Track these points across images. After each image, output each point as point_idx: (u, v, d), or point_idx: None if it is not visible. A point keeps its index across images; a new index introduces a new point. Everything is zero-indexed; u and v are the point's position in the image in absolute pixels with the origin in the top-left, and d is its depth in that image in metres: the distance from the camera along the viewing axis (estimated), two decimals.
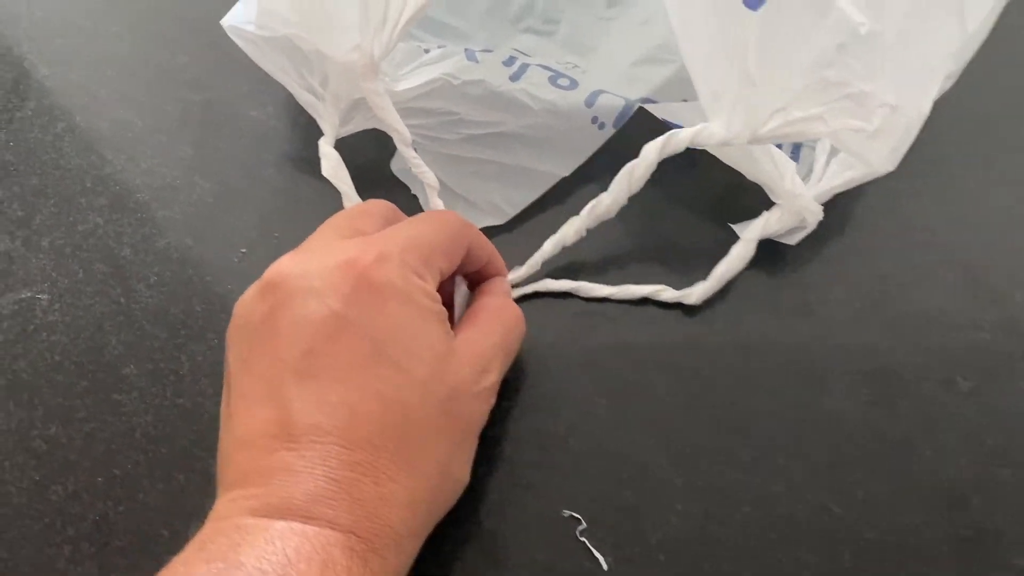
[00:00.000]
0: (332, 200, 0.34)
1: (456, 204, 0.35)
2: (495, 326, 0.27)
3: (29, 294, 0.33)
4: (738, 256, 0.32)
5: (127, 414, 0.31)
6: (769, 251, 0.33)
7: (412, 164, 0.31)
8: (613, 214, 0.31)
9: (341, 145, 0.33)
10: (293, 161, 0.36)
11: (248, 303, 0.23)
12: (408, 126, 0.33)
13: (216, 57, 0.39)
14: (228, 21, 0.32)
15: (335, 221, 0.26)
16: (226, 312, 0.32)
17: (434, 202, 0.32)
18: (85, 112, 0.38)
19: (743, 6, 0.24)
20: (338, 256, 0.23)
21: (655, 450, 0.29)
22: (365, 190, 0.33)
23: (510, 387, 0.31)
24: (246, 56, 0.34)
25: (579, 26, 0.38)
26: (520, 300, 0.33)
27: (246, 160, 0.36)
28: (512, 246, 0.33)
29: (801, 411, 0.30)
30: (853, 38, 0.25)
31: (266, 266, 0.32)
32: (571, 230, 0.31)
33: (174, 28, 0.40)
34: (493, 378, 0.25)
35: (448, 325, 0.25)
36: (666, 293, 0.32)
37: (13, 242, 0.34)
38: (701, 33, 0.26)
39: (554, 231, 0.32)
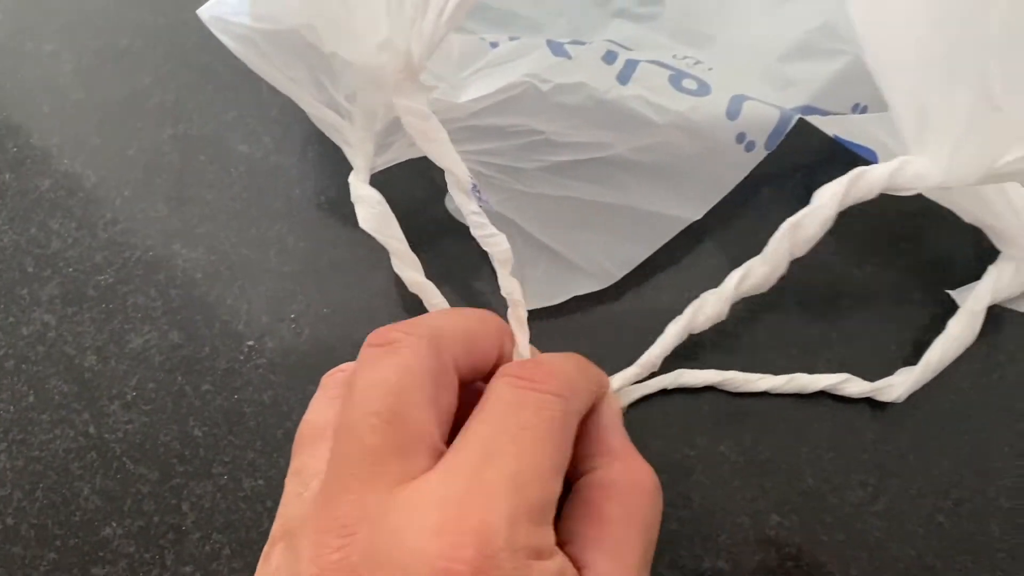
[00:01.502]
0: (371, 260, 0.29)
1: (540, 260, 0.28)
2: (634, 534, 0.19)
3: None
4: (959, 336, 0.26)
5: None
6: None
7: (473, 224, 0.24)
8: (766, 289, 0.24)
9: (374, 179, 0.27)
10: (308, 211, 0.30)
11: None
12: (470, 153, 0.27)
13: (188, 76, 0.33)
14: (209, 11, 0.26)
15: (360, 407, 0.17)
16: (235, 435, 0.27)
17: (506, 284, 0.24)
18: (17, 167, 0.31)
19: None
20: (411, 557, 0.16)
21: None
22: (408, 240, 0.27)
23: None
24: (229, 71, 0.28)
25: (691, 5, 0.31)
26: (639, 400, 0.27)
27: (243, 215, 0.30)
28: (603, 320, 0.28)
29: None
30: None
31: (283, 362, 0.29)
32: (705, 312, 0.25)
33: (130, 41, 0.34)
34: None
35: None
36: (853, 385, 0.26)
37: None
38: (906, 37, 0.20)
39: (667, 291, 0.27)
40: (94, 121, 0.32)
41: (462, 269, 0.29)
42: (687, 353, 0.27)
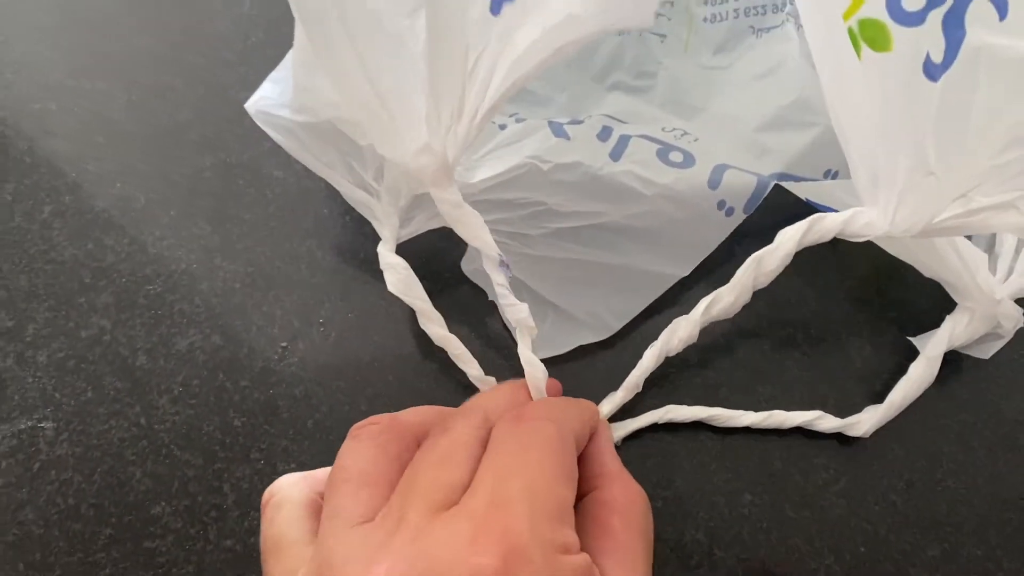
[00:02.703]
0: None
1: (547, 315, 0.31)
2: (637, 542, 0.22)
3: (29, 423, 0.31)
4: (919, 378, 0.29)
5: (163, 565, 0.28)
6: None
7: (499, 295, 0.26)
8: (732, 315, 0.27)
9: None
10: (335, 228, 0.34)
11: None
12: None
13: (226, 110, 0.36)
14: (255, 106, 0.29)
15: (420, 475, 0.20)
16: (271, 425, 0.30)
17: (525, 354, 0.27)
18: (76, 191, 0.35)
19: (922, 77, 0.21)
20: (451, 564, 0.18)
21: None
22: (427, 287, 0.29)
23: None
24: None
25: (680, 80, 0.34)
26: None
27: (277, 232, 0.34)
28: (604, 362, 0.30)
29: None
30: None
31: (312, 361, 0.32)
32: (678, 335, 0.28)
33: (174, 80, 0.37)
34: None
35: None
36: (825, 422, 0.29)
37: (4, 360, 0.31)
38: (860, 107, 0.23)
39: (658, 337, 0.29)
40: (143, 150, 0.35)
41: (476, 314, 0.32)
42: (679, 385, 0.30)
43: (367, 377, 0.31)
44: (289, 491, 0.23)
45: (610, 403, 0.29)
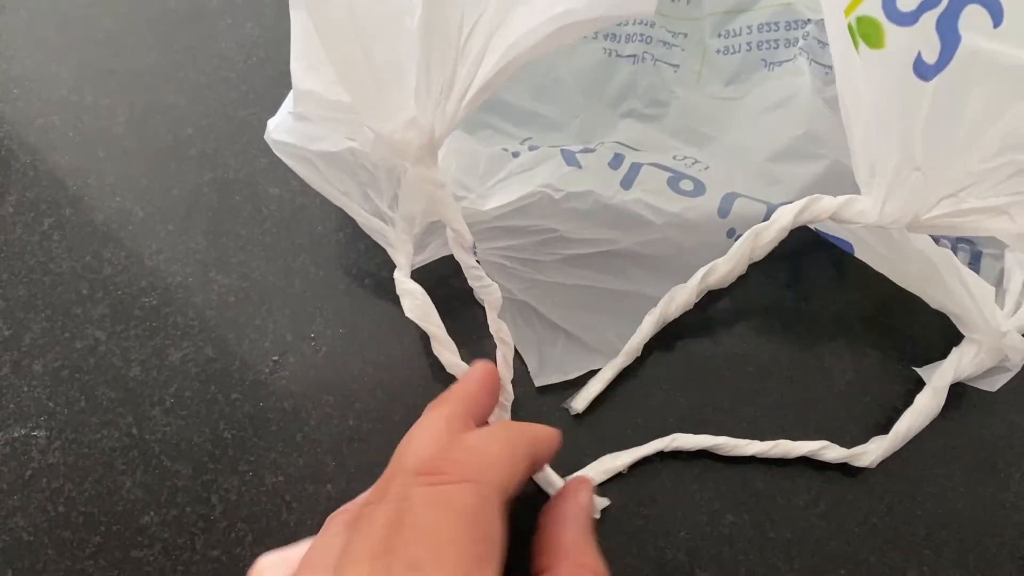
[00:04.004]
0: (381, 289, 0.33)
1: (558, 341, 0.32)
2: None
3: (23, 431, 0.31)
4: (925, 408, 0.29)
5: (150, 575, 0.29)
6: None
7: (471, 277, 0.27)
8: (727, 284, 0.28)
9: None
10: (328, 245, 0.34)
11: None
12: (494, 249, 0.31)
13: (226, 128, 0.37)
14: (273, 134, 0.30)
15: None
16: (260, 437, 0.31)
17: (494, 325, 0.27)
18: (76, 204, 0.36)
19: (913, 76, 0.22)
20: None
21: None
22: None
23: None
24: (263, 125, 0.32)
25: (692, 109, 0.35)
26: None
27: (271, 248, 0.34)
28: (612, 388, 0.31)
29: None
30: None
31: (303, 375, 0.32)
32: (676, 302, 0.29)
33: (176, 97, 0.38)
34: None
35: None
36: (831, 452, 0.29)
37: (0, 368, 0.32)
38: (861, 99, 0.24)
39: (668, 363, 0.30)
40: (143, 165, 0.36)
41: (480, 339, 0.32)
42: (692, 417, 0.31)
43: (356, 392, 0.31)
44: (271, 573, 0.22)
45: (612, 367, 0.30)
